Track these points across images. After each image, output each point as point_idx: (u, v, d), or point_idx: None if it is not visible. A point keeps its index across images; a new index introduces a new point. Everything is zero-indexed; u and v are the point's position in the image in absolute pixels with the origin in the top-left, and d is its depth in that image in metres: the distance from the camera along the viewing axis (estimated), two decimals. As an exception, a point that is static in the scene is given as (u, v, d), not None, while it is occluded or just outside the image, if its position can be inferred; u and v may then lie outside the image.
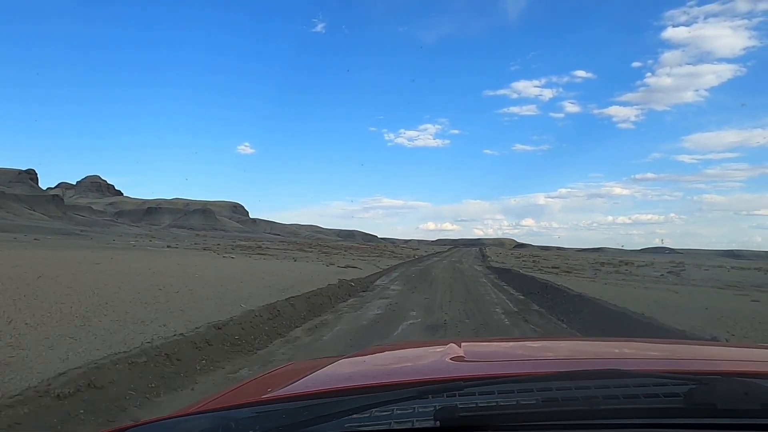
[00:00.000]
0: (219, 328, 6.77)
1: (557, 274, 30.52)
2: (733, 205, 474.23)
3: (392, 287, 16.22)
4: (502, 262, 43.98)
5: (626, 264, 46.88)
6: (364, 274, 19.60)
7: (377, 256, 44.28)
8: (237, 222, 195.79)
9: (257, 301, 9.20)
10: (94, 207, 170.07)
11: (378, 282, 18.11)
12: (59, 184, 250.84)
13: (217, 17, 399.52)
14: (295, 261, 27.70)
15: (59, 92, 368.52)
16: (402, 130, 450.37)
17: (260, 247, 55.15)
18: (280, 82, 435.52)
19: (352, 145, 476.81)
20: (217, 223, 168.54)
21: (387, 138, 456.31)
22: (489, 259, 48.90)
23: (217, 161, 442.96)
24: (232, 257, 27.30)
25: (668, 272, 37.85)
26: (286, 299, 9.76)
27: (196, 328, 6.54)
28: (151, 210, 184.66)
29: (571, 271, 34.76)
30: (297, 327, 8.60)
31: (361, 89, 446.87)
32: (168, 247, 40.86)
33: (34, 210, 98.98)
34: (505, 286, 17.72)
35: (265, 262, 25.00)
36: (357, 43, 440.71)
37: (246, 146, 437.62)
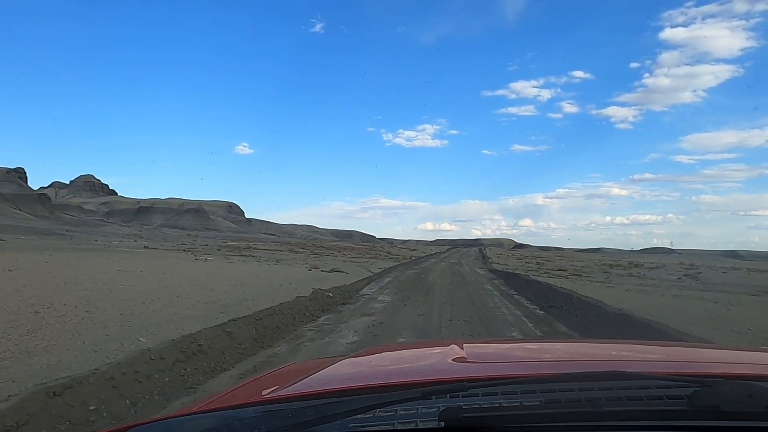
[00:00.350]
0: (57, 395, 3.93)
1: (566, 277, 27.73)
2: (731, 206, 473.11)
3: (380, 298, 13.39)
4: (505, 264, 41.18)
5: (636, 266, 44.13)
6: (350, 280, 16.76)
7: (371, 258, 41.45)
8: (232, 222, 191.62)
9: (173, 330, 6.39)
10: (85, 207, 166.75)
11: (365, 290, 15.26)
12: (52, 184, 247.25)
13: (216, 18, 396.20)
14: (276, 264, 24.86)
15: (57, 92, 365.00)
16: (400, 131, 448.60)
17: (249, 247, 52.37)
18: (279, 82, 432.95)
19: (350, 145, 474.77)
20: (210, 223, 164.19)
21: (385, 138, 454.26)
22: (490, 260, 46.03)
23: (216, 161, 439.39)
24: (206, 260, 24.46)
25: (684, 275, 35.18)
26: (221, 324, 6.93)
27: (8, 397, 3.71)
28: (143, 209, 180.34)
29: (581, 274, 31.99)
30: (224, 371, 5.77)
31: (359, 89, 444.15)
32: (145, 248, 38.02)
33: (19, 209, 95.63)
34: (516, 296, 14.87)
35: (241, 265, 22.15)
36: (355, 43, 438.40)
37: (244, 146, 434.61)
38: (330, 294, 12.26)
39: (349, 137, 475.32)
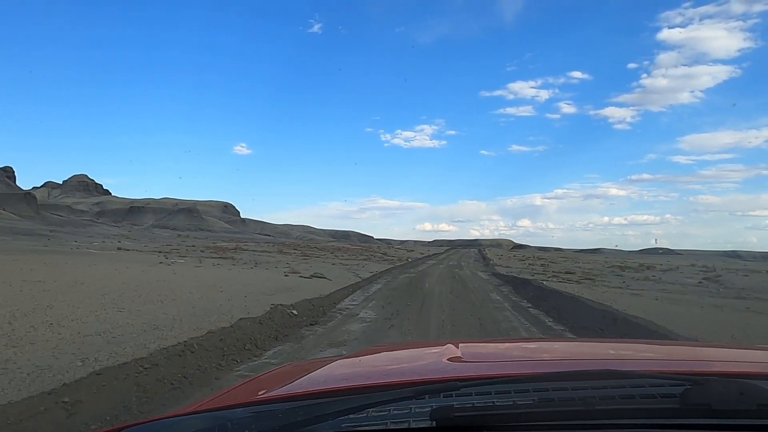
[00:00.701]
0: None
1: (578, 282, 24.91)
2: (728, 206, 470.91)
3: (362, 314, 10.49)
4: (508, 266, 38.33)
5: (647, 268, 41.30)
6: (330, 289, 13.87)
7: (364, 260, 38.58)
8: (226, 222, 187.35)
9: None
10: (74, 206, 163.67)
11: (345, 303, 12.36)
12: (45, 184, 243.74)
13: (215, 18, 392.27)
14: (252, 268, 21.95)
15: (55, 92, 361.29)
16: (399, 131, 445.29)
17: (236, 248, 49.49)
18: (277, 82, 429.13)
19: (348, 145, 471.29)
20: (203, 223, 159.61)
21: (383, 139, 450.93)
22: (492, 262, 43.10)
23: (214, 162, 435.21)
24: (173, 263, 21.55)
25: (704, 279, 32.37)
26: (62, 386, 4.04)
27: None
28: (134, 209, 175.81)
29: (593, 278, 29.17)
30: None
31: (357, 90, 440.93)
32: (119, 249, 35.12)
33: (3, 209, 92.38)
34: (532, 311, 11.95)
35: (209, 270, 19.25)
36: (354, 43, 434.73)
37: (242, 147, 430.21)
38: (294, 311, 9.36)
39: (347, 137, 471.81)
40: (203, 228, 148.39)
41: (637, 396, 0.96)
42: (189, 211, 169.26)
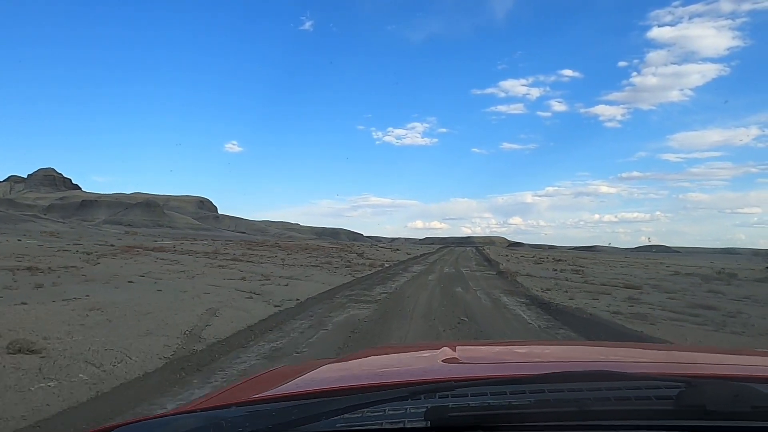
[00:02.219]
0: None
1: (700, 318, 12.55)
2: (718, 204, 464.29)
3: None
4: (530, 274, 25.73)
5: (729, 275, 28.94)
6: None
7: (318, 267, 25.81)
8: (195, 218, 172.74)
9: None
10: (35, 201, 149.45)
11: None
12: (9, 177, 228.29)
13: (206, 17, 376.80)
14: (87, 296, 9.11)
15: (47, 90, 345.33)
16: (390, 129, 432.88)
17: (161, 248, 36.83)
18: (269, 80, 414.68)
19: (340, 143, 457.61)
20: (163, 219, 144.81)
21: (375, 136, 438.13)
22: (503, 268, 30.26)
23: (205, 159, 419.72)
24: None
25: None
26: None
27: None
28: (86, 204, 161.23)
29: (701, 303, 16.61)
30: None
31: (349, 88, 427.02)
32: None
33: None
34: None
35: None
36: (345, 41, 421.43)
37: (234, 144, 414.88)
38: None
39: (339, 135, 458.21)
40: (163, 224, 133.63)
41: (632, 397, 0.95)
42: (147, 205, 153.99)
